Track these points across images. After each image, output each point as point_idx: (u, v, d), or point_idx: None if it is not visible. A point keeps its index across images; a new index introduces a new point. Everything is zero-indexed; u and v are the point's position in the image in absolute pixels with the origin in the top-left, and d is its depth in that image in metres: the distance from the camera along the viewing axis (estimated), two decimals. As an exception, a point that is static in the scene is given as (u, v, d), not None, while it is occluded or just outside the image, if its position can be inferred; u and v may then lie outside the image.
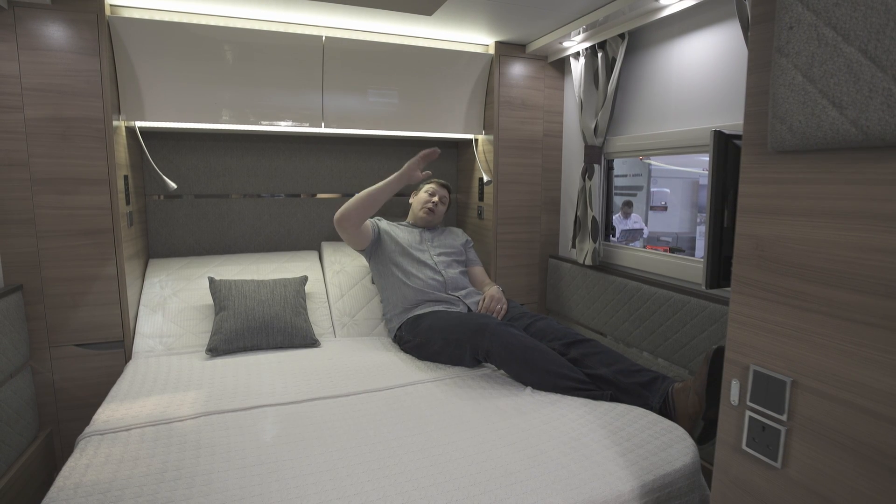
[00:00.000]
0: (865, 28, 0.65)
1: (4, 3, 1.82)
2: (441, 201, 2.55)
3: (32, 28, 1.89)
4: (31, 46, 1.89)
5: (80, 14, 1.93)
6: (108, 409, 1.63)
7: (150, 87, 2.18)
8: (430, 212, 2.51)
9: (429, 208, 2.51)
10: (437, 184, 2.59)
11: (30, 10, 1.88)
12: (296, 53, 2.31)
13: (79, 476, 1.26)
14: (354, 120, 2.53)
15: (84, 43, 1.95)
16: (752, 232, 0.86)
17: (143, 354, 2.12)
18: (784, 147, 0.77)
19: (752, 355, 0.87)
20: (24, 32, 1.88)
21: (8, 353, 1.80)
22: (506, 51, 2.60)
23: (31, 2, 1.86)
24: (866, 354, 0.72)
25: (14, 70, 1.88)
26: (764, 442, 0.86)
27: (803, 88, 0.72)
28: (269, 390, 1.77)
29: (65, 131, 1.96)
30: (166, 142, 2.56)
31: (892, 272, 0.68)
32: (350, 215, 2.21)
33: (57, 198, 1.97)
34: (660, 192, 7.23)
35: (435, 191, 2.56)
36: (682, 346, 1.93)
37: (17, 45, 1.87)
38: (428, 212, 2.51)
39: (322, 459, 1.34)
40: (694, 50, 1.98)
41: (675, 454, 1.37)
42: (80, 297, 2.04)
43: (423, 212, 2.51)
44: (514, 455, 1.36)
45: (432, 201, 2.52)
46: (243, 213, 2.75)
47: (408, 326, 2.21)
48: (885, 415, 0.71)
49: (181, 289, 2.37)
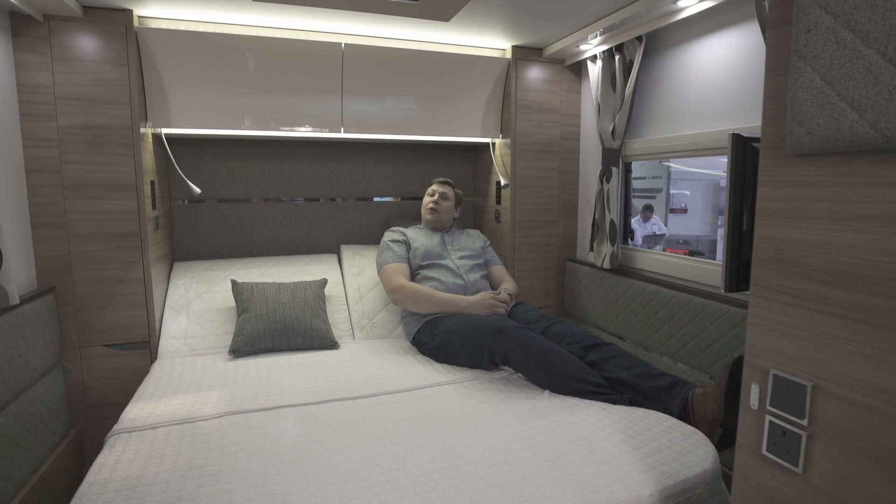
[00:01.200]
0: (885, 30, 0.65)
1: (40, 17, 1.89)
2: (442, 197, 2.57)
3: (65, 40, 1.96)
4: (64, 57, 1.96)
5: (111, 26, 2.00)
6: (135, 407, 1.68)
7: (175, 95, 2.24)
8: (433, 211, 2.54)
9: (430, 208, 2.55)
10: (437, 182, 2.62)
11: (63, 23, 1.95)
12: (316, 60, 2.35)
13: (108, 472, 1.30)
14: (373, 125, 2.56)
15: (114, 53, 2.01)
16: (771, 235, 0.86)
17: (168, 355, 2.17)
18: (803, 150, 0.77)
19: (772, 359, 0.87)
20: (57, 44, 1.95)
21: (41, 353, 1.86)
22: (522, 55, 2.61)
23: (65, 15, 1.93)
24: (888, 358, 0.72)
25: (48, 80, 1.94)
26: (785, 447, 0.85)
27: (822, 91, 0.72)
28: (290, 391, 1.80)
29: (95, 138, 2.02)
30: (191, 148, 2.62)
31: (913, 275, 0.68)
32: (406, 306, 2.32)
33: (87, 203, 2.04)
34: (680, 194, 7.14)
35: (434, 190, 2.59)
36: (701, 351, 1.91)
37: (51, 56, 1.94)
38: (431, 211, 2.55)
39: (342, 460, 1.36)
40: (712, 51, 1.97)
41: (694, 459, 1.37)
42: (108, 299, 2.10)
43: (427, 212, 2.55)
44: (532, 458, 1.36)
45: (433, 200, 2.55)
46: (265, 216, 2.80)
47: (426, 329, 2.23)
48: (908, 420, 0.70)
49: (205, 291, 2.42)
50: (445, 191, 2.59)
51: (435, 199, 2.55)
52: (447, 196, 2.58)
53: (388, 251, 2.42)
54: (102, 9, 1.99)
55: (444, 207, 2.56)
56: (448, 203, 2.58)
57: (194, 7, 2.03)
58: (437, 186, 2.60)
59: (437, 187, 2.60)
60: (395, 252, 2.41)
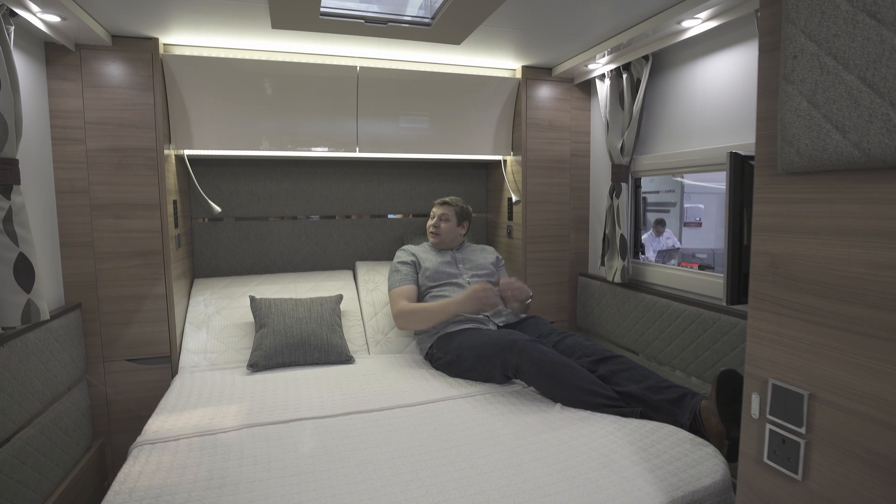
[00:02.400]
0: (863, 57, 0.69)
1: (72, 46, 2.00)
2: (441, 219, 2.58)
3: (95, 67, 2.06)
4: (94, 84, 2.06)
5: (138, 53, 2.10)
6: (157, 420, 1.73)
7: (198, 118, 2.33)
8: (434, 235, 2.59)
9: (431, 232, 2.60)
10: (437, 204, 2.64)
11: (93, 52, 2.05)
12: (332, 83, 2.44)
13: (133, 482, 1.35)
14: (387, 144, 2.63)
15: (140, 79, 2.11)
16: (767, 249, 0.89)
17: (188, 369, 2.23)
18: (793, 168, 0.80)
19: (771, 369, 0.90)
20: (88, 72, 2.05)
21: (68, 367, 1.94)
22: (532, 74, 2.68)
23: (95, 44, 2.04)
24: (879, 367, 0.74)
25: (79, 106, 2.05)
26: (785, 455, 0.88)
27: (808, 114, 0.76)
28: (307, 404, 1.85)
29: (121, 160, 2.11)
30: (211, 168, 2.71)
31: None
32: (409, 327, 2.39)
33: (113, 222, 2.13)
34: (693, 207, 7.13)
35: (433, 213, 2.63)
36: (713, 364, 1.92)
37: (81, 83, 2.04)
38: (432, 235, 2.59)
39: (357, 471, 1.40)
40: (716, 70, 2.01)
41: (704, 471, 1.38)
42: (132, 315, 2.18)
43: (430, 236, 2.61)
44: (544, 469, 1.39)
45: (432, 225, 2.60)
46: (282, 234, 2.87)
47: (439, 344, 2.26)
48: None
49: (224, 307, 2.49)
50: (444, 212, 2.59)
51: (434, 222, 2.59)
52: (447, 217, 2.58)
53: (396, 273, 2.47)
54: (130, 37, 2.10)
55: (446, 229, 2.57)
56: (449, 224, 2.58)
57: (216, 34, 2.13)
58: (437, 209, 2.62)
59: (436, 209, 2.62)
60: (403, 274, 2.45)
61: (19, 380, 1.61)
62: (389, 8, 1.95)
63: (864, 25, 0.69)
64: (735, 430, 1.51)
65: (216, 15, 1.91)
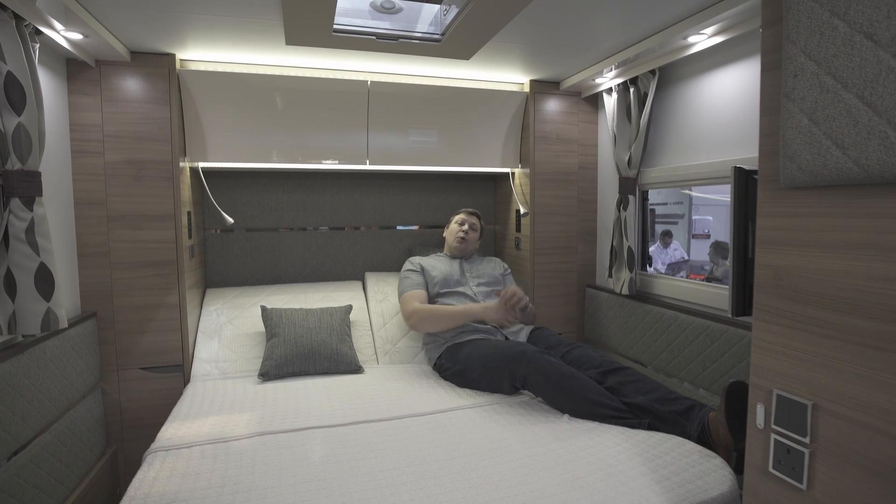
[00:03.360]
0: (861, 77, 0.72)
1: (92, 62, 2.06)
2: (472, 228, 2.66)
3: (114, 82, 2.12)
4: (113, 98, 2.12)
5: (155, 69, 2.16)
6: (170, 427, 1.76)
7: (212, 131, 2.38)
8: (462, 241, 2.63)
9: (460, 237, 2.63)
10: (466, 212, 2.70)
11: (113, 67, 2.12)
12: (343, 98, 2.49)
13: (147, 487, 1.38)
14: (397, 157, 2.68)
15: (157, 94, 2.17)
16: (771, 262, 0.91)
17: (200, 378, 2.26)
18: (795, 183, 0.83)
19: (775, 380, 0.91)
20: (107, 87, 2.11)
21: (83, 375, 1.97)
22: (540, 88, 2.71)
23: (114, 60, 2.10)
24: (881, 378, 0.76)
25: (98, 120, 2.10)
26: (789, 464, 0.89)
27: (809, 130, 0.79)
28: (318, 413, 1.87)
29: (138, 172, 2.17)
30: (224, 180, 2.77)
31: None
32: (423, 328, 2.39)
33: (129, 232, 2.17)
34: (702, 219, 7.13)
35: (464, 220, 2.67)
36: (721, 376, 1.93)
37: (101, 97, 2.10)
38: (460, 241, 2.62)
39: (367, 479, 1.42)
40: (722, 84, 2.03)
41: (712, 482, 1.39)
42: (145, 324, 2.22)
43: (456, 241, 2.63)
44: (551, 479, 1.40)
45: (462, 230, 2.63)
46: (292, 245, 2.91)
47: (447, 354, 2.28)
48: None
49: (235, 316, 2.53)
50: (475, 222, 2.69)
51: (465, 228, 2.65)
52: (476, 227, 2.69)
53: (406, 280, 2.51)
54: (148, 53, 2.16)
55: (472, 238, 2.66)
56: (475, 234, 2.68)
57: (231, 50, 2.18)
58: (467, 216, 2.70)
59: (466, 217, 2.69)
60: (413, 280, 2.49)
61: (38, 386, 1.65)
62: (400, 24, 2.00)
63: (862, 47, 0.71)
64: (743, 441, 1.51)
65: (232, 31, 1.96)
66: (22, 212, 1.56)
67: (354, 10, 1.92)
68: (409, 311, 2.38)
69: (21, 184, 1.55)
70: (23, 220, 1.56)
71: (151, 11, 1.75)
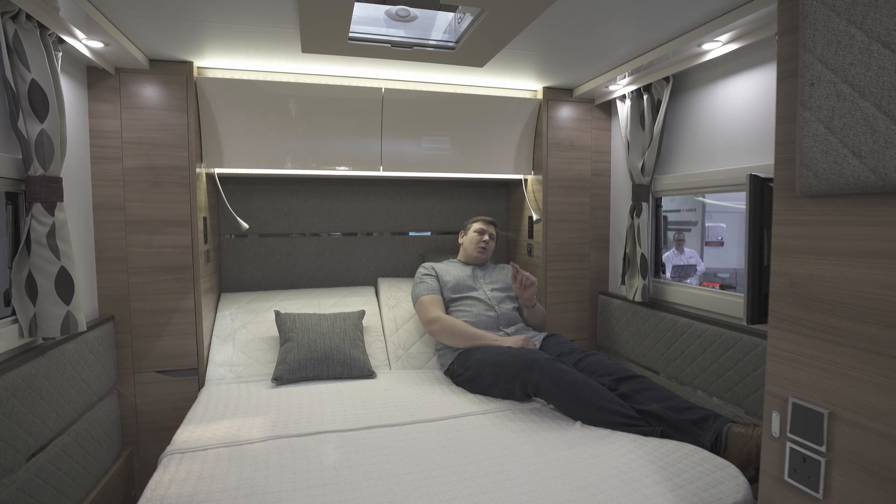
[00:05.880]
0: (879, 85, 0.72)
1: (112, 70, 2.10)
2: (491, 237, 2.69)
3: (133, 90, 2.16)
4: (132, 105, 2.16)
5: (173, 76, 2.20)
6: (186, 430, 1.78)
7: (228, 138, 2.42)
8: (483, 250, 2.64)
9: (482, 247, 2.64)
10: (485, 221, 2.71)
11: (132, 75, 2.16)
12: (357, 105, 2.51)
13: (164, 489, 1.40)
14: (410, 163, 2.69)
15: (175, 101, 2.20)
16: (786, 270, 0.91)
17: (214, 381, 2.28)
18: (811, 191, 0.83)
19: (791, 388, 0.91)
20: (126, 94, 2.15)
21: (100, 378, 2.00)
22: (553, 95, 2.72)
23: (134, 68, 2.14)
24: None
25: (117, 126, 2.15)
26: (805, 473, 0.88)
27: (826, 139, 0.79)
28: (331, 418, 1.88)
29: (155, 178, 2.20)
30: (239, 186, 2.80)
31: (920, 309, 0.72)
32: (441, 339, 2.39)
33: (146, 237, 2.21)
34: (715, 226, 7.08)
35: (484, 229, 2.68)
36: (735, 384, 1.91)
37: (120, 105, 2.14)
38: (481, 250, 2.64)
39: (380, 484, 1.42)
40: (737, 91, 2.03)
41: (726, 491, 1.37)
42: (161, 328, 2.24)
43: (477, 251, 2.64)
44: (563, 486, 1.40)
45: (483, 240, 2.65)
46: (306, 250, 2.94)
47: (460, 360, 2.29)
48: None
49: (250, 321, 2.55)
50: (493, 232, 2.73)
51: (486, 238, 2.67)
52: (494, 236, 2.72)
53: (422, 284, 2.52)
54: (167, 61, 2.20)
55: (491, 247, 2.70)
56: (493, 244, 2.71)
57: (247, 58, 2.21)
58: (486, 225, 2.72)
59: (485, 226, 2.71)
60: (429, 285, 2.50)
61: (57, 388, 1.68)
62: (415, 32, 2.02)
63: (879, 55, 0.71)
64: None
65: (248, 39, 1.99)
66: (44, 217, 1.59)
67: (370, 19, 1.94)
68: (431, 317, 2.39)
69: (43, 189, 1.59)
70: (44, 224, 1.60)
71: (170, 20, 1.78)
